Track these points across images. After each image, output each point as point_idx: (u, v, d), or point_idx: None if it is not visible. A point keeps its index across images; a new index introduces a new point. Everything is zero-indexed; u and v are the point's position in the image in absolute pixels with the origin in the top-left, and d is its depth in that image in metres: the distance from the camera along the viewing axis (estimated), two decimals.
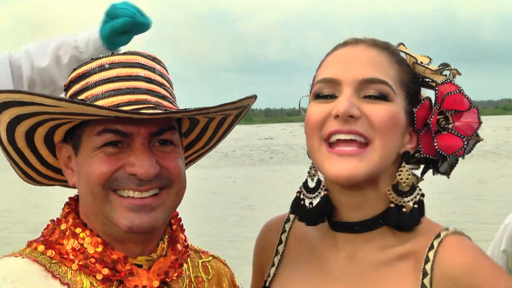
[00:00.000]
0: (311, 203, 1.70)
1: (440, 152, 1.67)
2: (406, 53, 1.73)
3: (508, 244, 1.98)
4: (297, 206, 1.73)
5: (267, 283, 1.79)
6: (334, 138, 1.61)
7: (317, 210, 1.69)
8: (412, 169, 1.71)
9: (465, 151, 1.69)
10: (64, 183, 1.80)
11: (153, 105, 1.58)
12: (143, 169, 1.57)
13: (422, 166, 1.77)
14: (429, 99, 1.70)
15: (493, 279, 1.59)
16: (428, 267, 1.59)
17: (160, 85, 1.65)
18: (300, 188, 1.74)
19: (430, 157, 1.70)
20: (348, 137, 1.60)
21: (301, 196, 1.72)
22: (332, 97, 1.64)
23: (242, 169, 27.37)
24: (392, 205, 1.65)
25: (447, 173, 1.76)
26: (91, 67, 1.64)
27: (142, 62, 1.65)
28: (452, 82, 1.70)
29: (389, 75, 1.64)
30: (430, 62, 1.75)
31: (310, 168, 1.73)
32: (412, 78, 1.70)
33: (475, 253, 1.61)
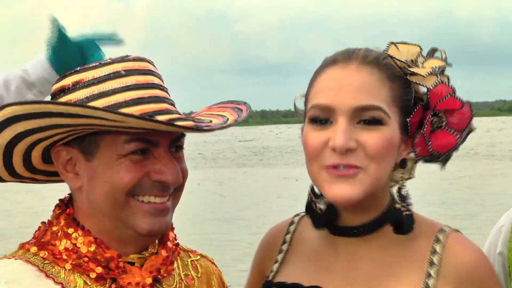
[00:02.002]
0: (320, 208, 1.78)
1: (435, 153, 1.71)
2: (395, 60, 1.71)
3: (504, 246, 2.00)
4: (310, 208, 1.80)
5: (270, 277, 1.84)
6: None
7: (324, 215, 1.76)
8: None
9: (459, 145, 1.73)
10: (24, 180, 1.77)
11: (176, 114, 1.62)
12: (173, 176, 1.62)
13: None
14: (421, 104, 1.71)
15: (491, 278, 1.69)
16: (435, 258, 1.67)
17: (167, 91, 1.69)
18: (309, 191, 1.80)
19: (425, 156, 1.74)
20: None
21: (312, 199, 1.79)
22: (327, 121, 1.67)
23: (207, 171, 27.44)
24: (398, 205, 1.71)
25: (442, 164, 1.80)
26: (104, 72, 1.61)
27: (152, 69, 1.67)
28: (444, 82, 1.71)
29: (382, 98, 1.66)
30: (421, 51, 1.75)
31: None
32: (405, 89, 1.71)
33: (479, 250, 1.71)
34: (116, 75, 1.61)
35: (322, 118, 1.67)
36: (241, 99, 1.77)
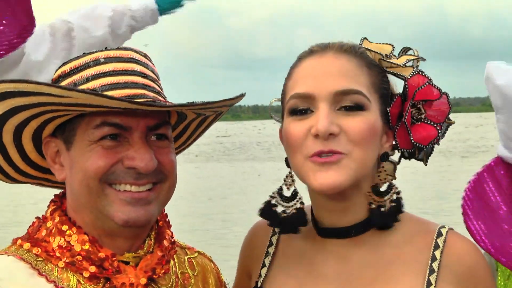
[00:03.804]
0: (284, 211, 1.71)
1: (417, 144, 1.70)
2: (371, 50, 1.72)
3: None
4: (268, 211, 1.73)
5: (259, 284, 1.79)
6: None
7: (293, 221, 1.70)
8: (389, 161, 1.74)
9: (440, 138, 1.72)
10: (40, 181, 1.79)
11: (151, 100, 1.59)
12: (143, 162, 1.58)
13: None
14: (400, 95, 1.70)
15: (488, 277, 1.68)
16: (435, 265, 1.63)
17: (154, 81, 1.66)
18: (273, 193, 1.74)
19: (408, 150, 1.72)
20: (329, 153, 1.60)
21: (273, 202, 1.72)
22: (308, 111, 1.63)
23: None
24: (373, 206, 1.67)
25: (424, 160, 1.78)
26: (85, 61, 1.62)
27: (137, 58, 1.65)
28: (420, 73, 1.70)
29: (362, 83, 1.64)
30: (393, 49, 1.75)
31: (287, 177, 1.73)
32: (382, 78, 1.70)
33: (478, 250, 1.67)
34: (95, 62, 1.61)
35: (302, 108, 1.63)
36: (232, 94, 1.70)
